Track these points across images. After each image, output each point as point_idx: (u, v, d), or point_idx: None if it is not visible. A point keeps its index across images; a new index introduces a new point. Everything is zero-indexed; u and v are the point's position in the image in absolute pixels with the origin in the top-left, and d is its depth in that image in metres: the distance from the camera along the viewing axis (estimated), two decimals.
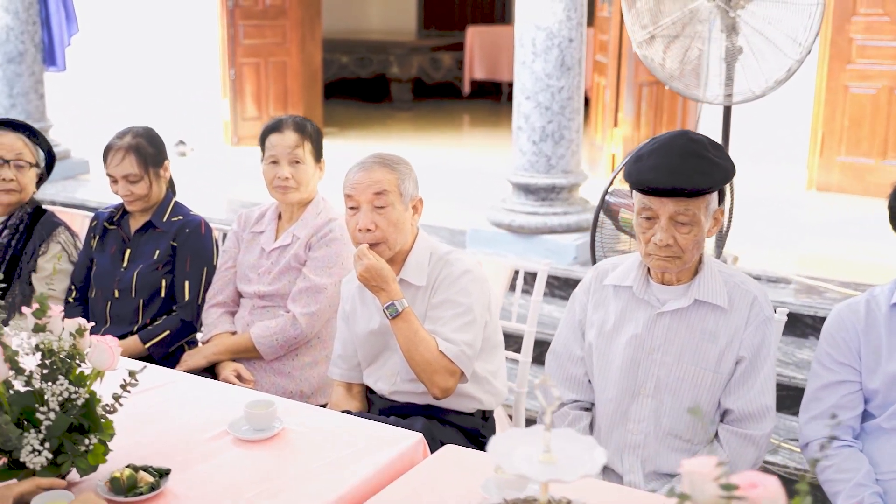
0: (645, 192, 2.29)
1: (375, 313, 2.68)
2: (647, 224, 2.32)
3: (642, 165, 2.32)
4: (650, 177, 2.27)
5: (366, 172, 2.60)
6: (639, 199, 2.34)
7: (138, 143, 3.20)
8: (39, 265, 3.30)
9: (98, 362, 1.90)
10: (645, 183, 2.28)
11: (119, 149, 3.19)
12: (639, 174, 2.30)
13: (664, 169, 2.26)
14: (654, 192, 2.27)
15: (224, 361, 3.01)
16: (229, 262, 3.19)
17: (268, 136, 3.11)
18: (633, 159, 2.37)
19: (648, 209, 2.31)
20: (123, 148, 3.18)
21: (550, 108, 4.74)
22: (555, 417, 2.53)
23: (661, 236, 2.28)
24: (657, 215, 2.29)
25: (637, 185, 2.31)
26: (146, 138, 3.24)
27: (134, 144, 3.19)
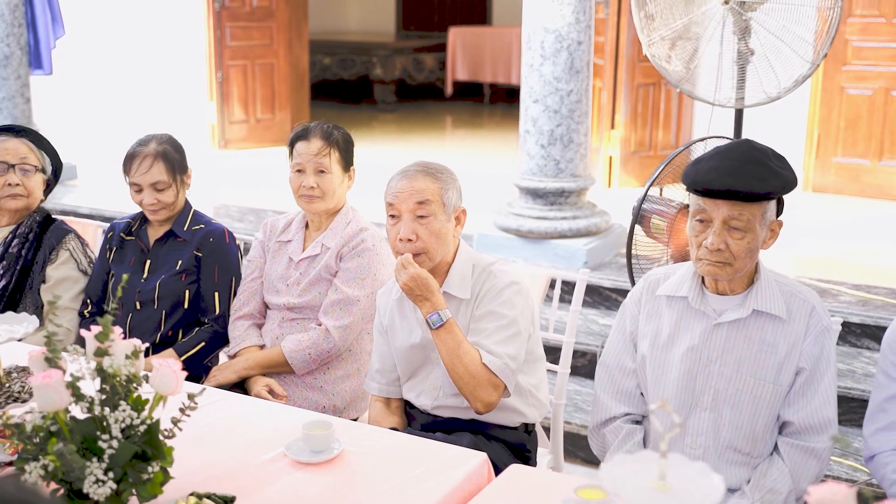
0: (700, 193, 2.26)
1: (416, 326, 2.62)
2: (701, 227, 2.29)
3: (701, 167, 2.29)
4: (707, 178, 2.24)
5: (408, 181, 2.53)
6: (694, 202, 2.31)
7: (165, 150, 3.11)
8: (48, 274, 3.21)
9: (161, 387, 1.82)
10: (701, 184, 2.25)
11: (146, 156, 3.09)
12: (696, 175, 2.27)
13: (722, 171, 2.24)
14: (709, 194, 2.24)
15: (255, 376, 2.92)
16: (255, 272, 3.11)
17: (295, 143, 3.04)
18: (692, 162, 2.34)
19: (703, 211, 2.27)
20: (151, 155, 3.09)
21: (559, 112, 4.70)
22: (607, 432, 2.48)
23: (712, 240, 2.24)
24: (711, 218, 2.26)
25: (693, 185, 2.28)
26: (171, 145, 3.16)
27: (161, 151, 3.10)
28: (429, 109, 10.88)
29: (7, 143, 3.29)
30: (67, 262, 3.23)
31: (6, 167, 3.24)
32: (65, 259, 3.22)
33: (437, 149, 8.52)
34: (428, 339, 2.59)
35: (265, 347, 3.02)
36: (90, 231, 3.51)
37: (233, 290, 3.12)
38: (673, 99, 6.63)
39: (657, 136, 6.61)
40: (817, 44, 4.06)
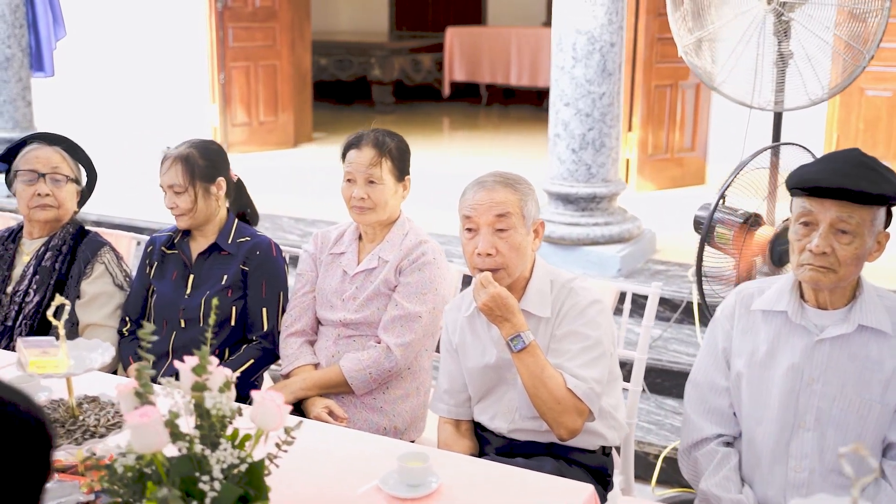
0: (808, 192, 2.15)
1: (490, 345, 2.49)
2: (805, 231, 2.18)
3: (808, 168, 2.19)
4: (815, 177, 2.14)
5: (486, 192, 2.40)
6: (798, 205, 2.20)
7: (189, 154, 2.98)
8: (82, 289, 3.05)
9: (264, 421, 1.67)
10: (809, 182, 2.14)
11: (170, 157, 2.99)
12: (804, 175, 2.17)
13: (831, 171, 2.14)
14: (818, 192, 2.13)
15: (312, 397, 2.78)
16: (306, 286, 2.96)
17: (347, 151, 2.90)
18: (797, 168, 2.23)
19: (808, 213, 2.16)
20: (173, 157, 2.98)
21: (591, 115, 4.58)
22: (699, 456, 2.36)
23: (818, 242, 2.13)
24: (817, 221, 2.15)
25: (800, 184, 2.17)
26: (200, 150, 3.02)
27: (184, 154, 2.97)
28: (427, 111, 10.73)
29: (38, 151, 3.14)
30: (103, 277, 3.07)
31: (36, 176, 3.08)
32: (100, 273, 3.07)
33: (442, 150, 8.38)
34: (504, 360, 2.46)
35: (319, 366, 2.88)
36: (123, 243, 3.35)
37: (281, 305, 2.98)
38: (689, 101, 6.53)
39: (674, 139, 6.51)
40: (863, 45, 3.96)
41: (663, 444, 3.69)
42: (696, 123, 6.59)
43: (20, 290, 3.04)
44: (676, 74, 6.38)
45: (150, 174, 3.19)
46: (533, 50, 10.47)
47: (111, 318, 3.06)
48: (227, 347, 2.95)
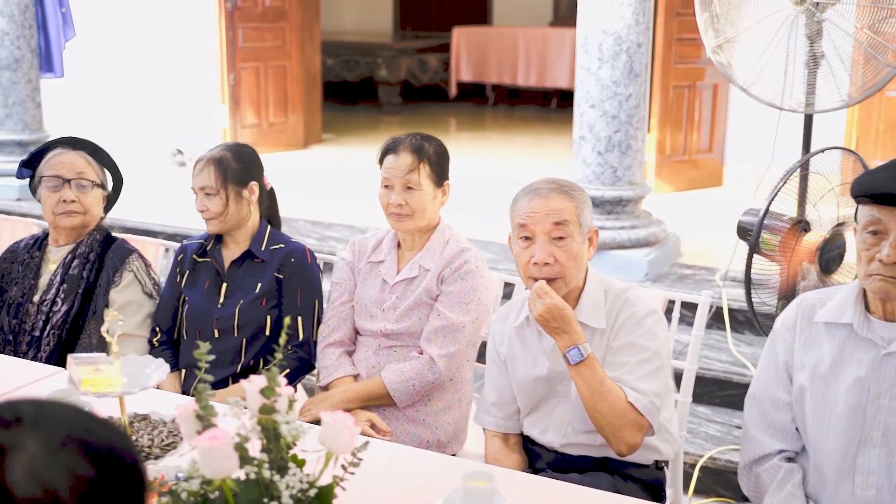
0: (876, 199, 2.07)
1: (541, 357, 2.41)
2: (873, 240, 2.10)
3: (876, 175, 2.12)
4: (884, 183, 2.06)
5: (543, 200, 2.33)
6: (866, 213, 2.12)
7: (222, 156, 2.90)
8: (111, 298, 2.96)
9: (334, 444, 1.59)
10: (877, 189, 2.07)
11: (203, 159, 2.92)
12: (870, 182, 2.10)
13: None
14: (887, 200, 2.05)
15: (354, 410, 2.70)
16: (344, 295, 2.88)
17: (384, 157, 2.82)
18: (862, 174, 2.16)
19: (877, 222, 2.09)
20: (206, 159, 2.91)
21: (617, 118, 4.50)
22: (762, 472, 2.28)
23: (888, 252, 2.06)
24: (886, 229, 2.08)
25: (868, 191, 2.09)
26: (233, 152, 2.94)
27: (217, 157, 2.90)
28: (434, 111, 10.66)
29: (63, 156, 3.05)
30: (132, 285, 2.99)
31: (61, 182, 3.00)
32: (129, 281, 2.98)
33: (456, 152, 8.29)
34: (556, 372, 2.39)
35: (359, 377, 2.80)
36: (151, 250, 3.27)
37: (316, 313, 2.90)
38: (706, 102, 6.46)
39: (691, 140, 6.44)
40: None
41: (699, 452, 3.62)
42: (714, 125, 6.52)
43: (47, 300, 2.96)
44: (694, 75, 6.31)
45: (159, 176, 3.11)
46: (541, 50, 10.41)
47: (141, 327, 2.97)
48: (261, 358, 2.88)
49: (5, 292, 3.02)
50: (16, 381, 2.46)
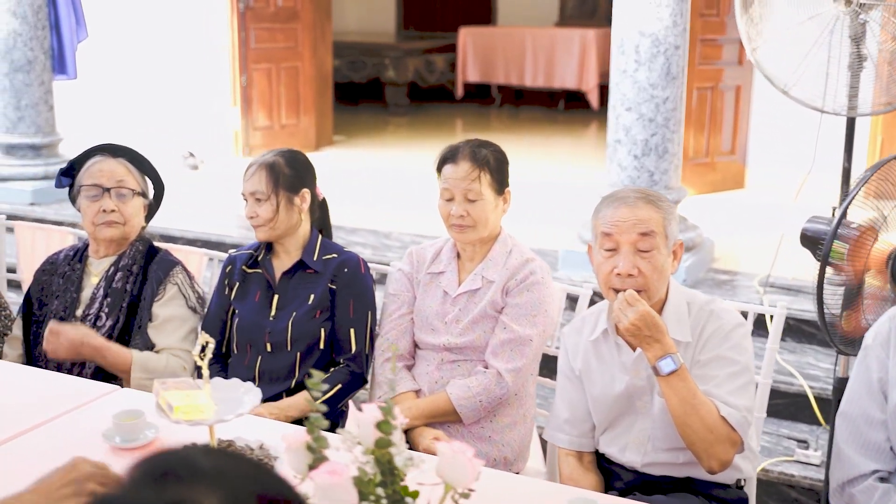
0: None
1: (619, 372, 2.32)
2: None
3: None
4: None
5: (629, 209, 2.24)
6: None
7: (275, 162, 2.80)
8: (155, 312, 2.85)
9: (453, 477, 1.50)
10: None
11: (254, 164, 2.82)
12: None
13: None
14: None
15: (418, 427, 2.60)
16: (403, 308, 2.78)
17: (442, 166, 2.72)
18: None
19: None
20: (258, 164, 2.81)
21: (654, 121, 4.42)
22: (856, 492, 2.19)
23: None
24: None
25: None
26: (286, 158, 2.84)
27: (270, 162, 2.80)
28: (440, 112, 10.56)
29: (102, 164, 2.94)
30: (176, 299, 2.87)
31: (100, 191, 2.88)
32: (173, 294, 2.87)
33: None
34: (636, 387, 2.30)
35: (421, 392, 2.70)
36: (194, 260, 3.17)
37: (369, 325, 2.79)
38: (728, 104, 6.39)
39: (714, 142, 6.37)
40: None
41: None
42: (736, 127, 6.45)
43: (91, 314, 2.84)
44: (717, 76, 6.24)
45: (171, 179, 3.00)
46: (548, 51, 10.32)
47: (185, 341, 2.86)
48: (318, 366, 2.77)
49: (45, 306, 2.91)
50: (71, 401, 2.35)
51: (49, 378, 2.55)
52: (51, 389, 2.44)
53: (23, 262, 3.48)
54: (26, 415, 2.26)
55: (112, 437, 2.12)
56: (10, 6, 5.80)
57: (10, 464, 2.03)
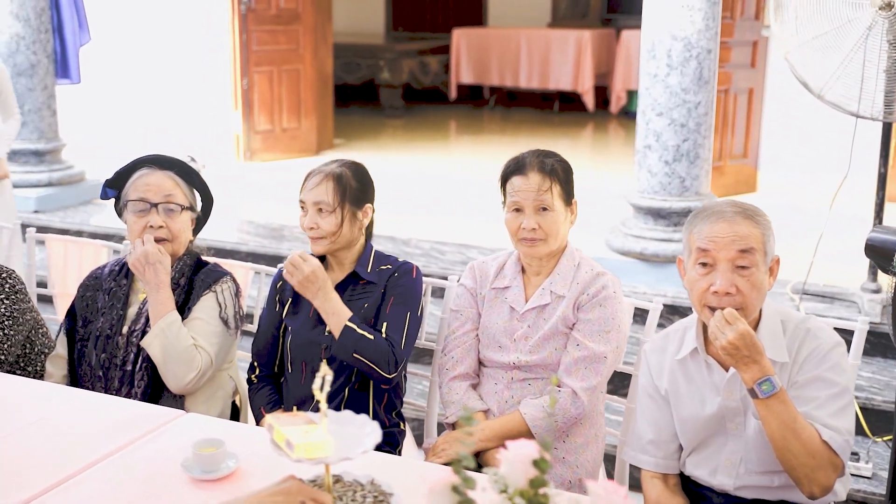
0: None
1: (710, 393, 2.24)
2: None
3: None
4: None
5: (727, 224, 2.16)
6: None
7: (342, 173, 2.68)
8: (187, 320, 2.70)
9: None
10: None
11: (319, 173, 2.69)
12: None
13: None
14: None
15: (493, 449, 2.51)
16: (467, 324, 2.69)
17: (509, 178, 2.62)
18: None
19: None
20: (324, 173, 2.68)
21: (686, 126, 4.35)
22: None
23: None
24: None
25: None
26: (353, 171, 2.71)
27: (337, 173, 2.67)
28: (436, 114, 10.47)
29: (149, 177, 2.81)
30: (209, 301, 2.71)
31: (148, 206, 2.75)
32: (207, 297, 2.72)
33: (476, 157, 8.10)
34: (729, 409, 2.22)
35: (489, 412, 2.61)
36: (240, 274, 3.05)
37: (407, 325, 2.61)
38: (741, 107, 6.35)
39: (726, 145, 6.32)
40: None
41: None
42: (749, 130, 6.41)
43: (137, 331, 2.72)
44: (729, 79, 6.19)
45: None
46: (543, 52, 10.26)
47: (210, 339, 2.67)
48: (369, 382, 2.66)
49: (90, 323, 2.79)
50: (138, 428, 2.24)
51: (107, 403, 2.44)
52: (113, 415, 2.33)
53: (54, 276, 3.36)
54: (94, 444, 2.15)
55: (192, 468, 2.01)
56: (13, 9, 5.64)
57: (86, 497, 1.92)
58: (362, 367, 2.53)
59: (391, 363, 2.54)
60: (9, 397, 2.42)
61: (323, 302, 2.57)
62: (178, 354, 2.61)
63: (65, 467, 2.04)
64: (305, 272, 2.55)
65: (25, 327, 2.90)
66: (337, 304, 2.57)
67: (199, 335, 2.68)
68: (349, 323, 2.54)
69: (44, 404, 2.38)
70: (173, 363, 2.62)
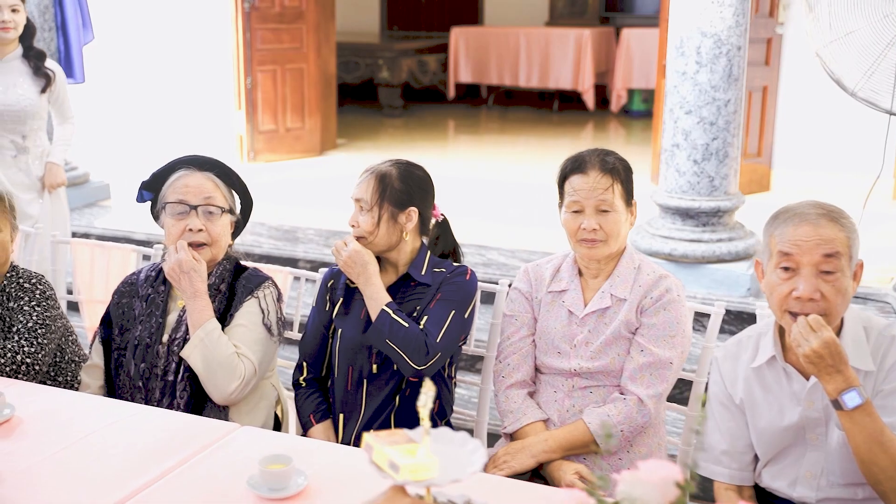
0: None
1: (790, 403, 2.16)
2: None
3: None
4: None
5: (812, 227, 2.07)
6: None
7: (387, 173, 2.58)
8: (229, 327, 2.60)
9: None
10: None
11: (368, 170, 2.61)
12: None
13: None
14: None
15: (558, 461, 2.41)
16: (522, 330, 2.59)
17: (568, 177, 2.53)
18: None
19: None
20: (371, 170, 2.59)
21: (715, 124, 4.27)
22: None
23: None
24: None
25: None
26: (400, 170, 2.60)
27: (382, 172, 2.58)
28: (435, 113, 10.37)
29: (188, 178, 2.69)
30: (251, 307, 2.61)
31: (187, 209, 2.64)
32: (250, 304, 2.62)
33: (479, 157, 8.00)
34: (810, 419, 2.13)
35: (549, 422, 2.51)
36: (279, 279, 2.94)
37: (449, 323, 2.48)
38: (755, 105, 6.28)
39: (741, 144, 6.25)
40: None
41: None
42: (763, 129, 6.35)
43: (178, 339, 2.61)
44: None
45: None
46: (543, 51, 10.18)
47: (253, 346, 2.57)
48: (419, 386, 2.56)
49: (127, 331, 2.67)
50: (194, 442, 2.13)
51: (155, 415, 2.33)
52: (165, 428, 2.22)
53: (80, 282, 3.25)
54: (153, 460, 2.04)
55: (259, 486, 1.91)
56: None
57: None
58: (393, 355, 2.45)
59: (421, 353, 2.43)
60: (56, 410, 2.31)
61: (365, 285, 2.51)
62: (219, 364, 2.51)
63: (125, 485, 1.93)
64: (347, 252, 2.51)
65: (57, 335, 2.79)
66: (378, 290, 2.51)
67: (242, 343, 2.57)
68: (385, 307, 2.45)
69: (92, 417, 2.27)
70: (215, 373, 2.51)
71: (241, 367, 2.53)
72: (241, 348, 2.56)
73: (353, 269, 2.52)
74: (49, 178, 4.31)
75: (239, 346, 2.56)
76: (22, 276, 2.79)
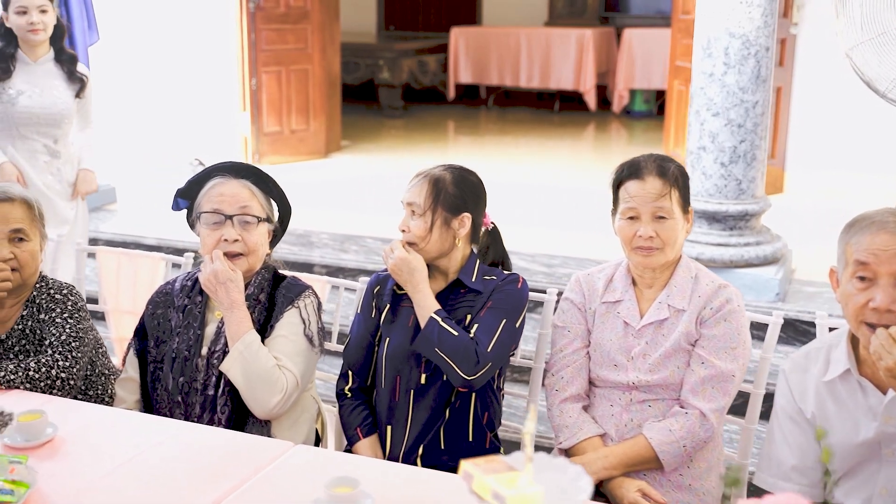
0: None
1: (865, 418, 2.08)
2: None
3: None
4: None
5: (890, 236, 2.00)
6: None
7: (441, 177, 2.51)
8: (270, 338, 2.51)
9: None
10: None
11: (420, 174, 2.53)
12: None
13: None
14: None
15: (619, 478, 2.33)
16: (576, 342, 2.51)
17: (623, 183, 2.45)
18: None
19: None
20: (424, 174, 2.52)
21: (743, 126, 4.20)
22: None
23: None
24: None
25: None
26: (454, 175, 2.53)
27: (436, 176, 2.51)
28: (436, 114, 10.28)
29: (224, 186, 2.59)
30: (292, 317, 2.53)
31: (223, 219, 2.54)
32: (290, 314, 2.53)
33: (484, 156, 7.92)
34: (887, 434, 2.06)
35: (606, 437, 2.43)
36: (316, 288, 2.84)
37: (499, 332, 2.40)
38: None
39: None
40: None
41: None
42: (776, 130, 6.29)
43: (217, 352, 2.51)
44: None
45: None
46: (543, 51, 10.11)
47: (294, 358, 2.48)
48: (470, 401, 2.47)
49: (164, 343, 2.57)
50: (250, 464, 2.04)
51: (201, 433, 2.23)
52: (214, 447, 2.13)
53: (105, 291, 3.15)
54: (209, 482, 1.95)
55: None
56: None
57: None
58: (442, 364, 2.37)
59: (471, 362, 2.35)
60: (95, 427, 2.21)
61: (413, 291, 2.44)
62: (260, 377, 2.42)
63: None
64: (393, 259, 2.46)
65: (89, 347, 2.69)
66: (427, 297, 2.43)
67: (284, 354, 2.48)
68: (434, 315, 2.37)
69: (135, 435, 2.17)
70: (256, 387, 2.42)
71: (282, 381, 2.44)
72: (282, 360, 2.47)
73: (400, 275, 2.45)
74: (83, 186, 4.20)
75: (280, 359, 2.47)
76: (52, 286, 2.69)
